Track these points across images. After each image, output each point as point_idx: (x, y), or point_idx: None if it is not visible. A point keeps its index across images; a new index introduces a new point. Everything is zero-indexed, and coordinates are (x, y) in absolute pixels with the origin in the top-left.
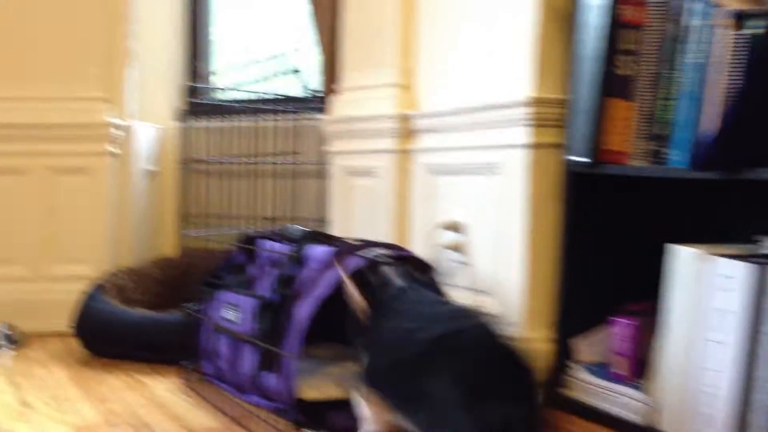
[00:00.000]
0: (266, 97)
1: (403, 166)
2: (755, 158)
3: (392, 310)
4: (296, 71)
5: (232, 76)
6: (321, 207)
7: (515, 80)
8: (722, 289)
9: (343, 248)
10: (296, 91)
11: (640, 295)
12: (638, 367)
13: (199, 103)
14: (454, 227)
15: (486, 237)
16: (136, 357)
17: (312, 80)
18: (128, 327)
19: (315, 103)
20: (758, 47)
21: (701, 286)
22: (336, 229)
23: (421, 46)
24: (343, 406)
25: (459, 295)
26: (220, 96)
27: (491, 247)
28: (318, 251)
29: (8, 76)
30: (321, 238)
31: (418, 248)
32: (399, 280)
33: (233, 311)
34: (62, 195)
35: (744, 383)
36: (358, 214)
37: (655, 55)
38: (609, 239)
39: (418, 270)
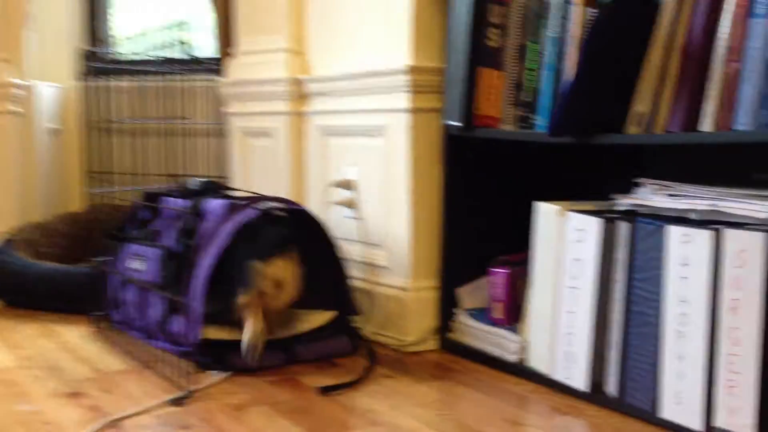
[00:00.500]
0: (164, 58)
1: (297, 127)
2: (596, 125)
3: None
4: (185, 41)
5: (132, 37)
6: (222, 165)
7: (395, 49)
8: (577, 240)
9: (239, 201)
10: (193, 53)
11: (515, 247)
12: (513, 311)
13: (99, 64)
14: (346, 185)
15: (375, 194)
16: (48, 307)
17: (208, 43)
18: (38, 279)
19: (213, 65)
20: (596, 24)
21: (560, 238)
22: (236, 185)
23: (311, 13)
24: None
25: (352, 248)
26: (120, 57)
27: (380, 204)
28: (215, 204)
29: None
30: (219, 191)
31: (314, 205)
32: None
33: (140, 262)
34: None
35: (600, 324)
36: (257, 172)
37: (520, 28)
38: (487, 197)
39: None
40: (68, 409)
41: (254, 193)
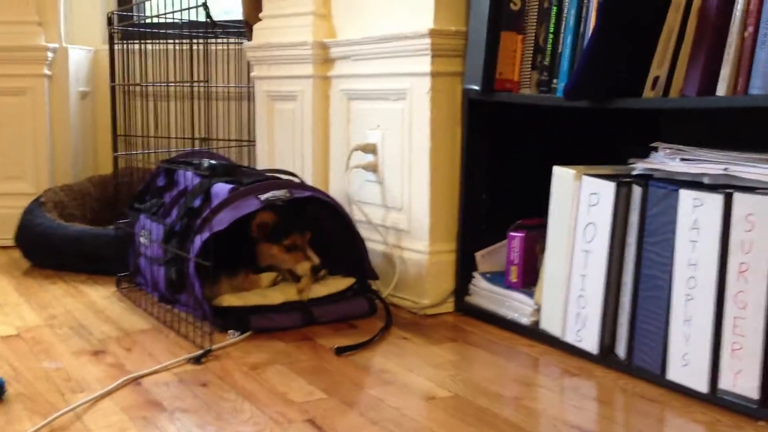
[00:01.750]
0: (190, 22)
1: (322, 91)
2: (613, 89)
3: None
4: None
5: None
6: (249, 128)
7: (418, 13)
8: (591, 204)
9: (243, 190)
10: (216, 17)
11: (534, 211)
12: (528, 275)
13: (127, 28)
14: (368, 149)
15: (396, 158)
16: (75, 268)
17: (234, 7)
18: (66, 240)
19: (238, 29)
20: None
21: (575, 202)
22: (261, 150)
23: None
24: (262, 310)
25: (373, 212)
26: (147, 21)
27: (401, 167)
28: (221, 188)
29: None
30: (229, 172)
31: (337, 168)
32: None
33: (146, 237)
34: (1, 115)
35: (611, 287)
36: (281, 135)
37: None
38: (507, 161)
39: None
40: (91, 367)
41: (270, 172)
